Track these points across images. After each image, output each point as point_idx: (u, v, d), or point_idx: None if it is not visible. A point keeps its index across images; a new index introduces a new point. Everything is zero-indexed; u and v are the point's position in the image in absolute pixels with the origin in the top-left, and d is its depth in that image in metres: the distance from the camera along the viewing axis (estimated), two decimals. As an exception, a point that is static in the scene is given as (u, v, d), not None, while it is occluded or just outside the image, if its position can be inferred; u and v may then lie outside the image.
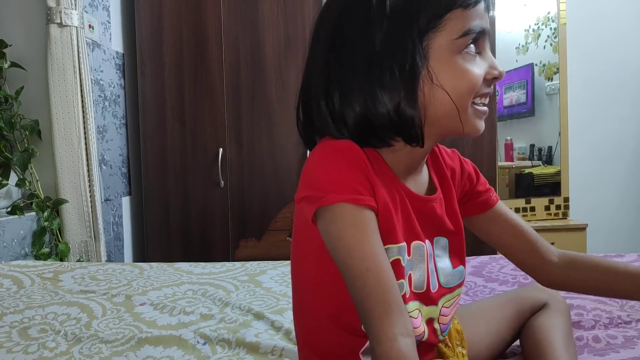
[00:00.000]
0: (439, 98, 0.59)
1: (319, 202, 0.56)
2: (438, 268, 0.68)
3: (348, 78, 0.59)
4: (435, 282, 0.67)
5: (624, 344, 0.92)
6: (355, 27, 0.59)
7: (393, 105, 0.58)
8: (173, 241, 2.36)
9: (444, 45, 0.58)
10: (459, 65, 0.58)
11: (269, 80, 2.32)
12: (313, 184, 0.58)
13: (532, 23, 2.83)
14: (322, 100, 0.62)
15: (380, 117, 0.58)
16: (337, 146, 0.59)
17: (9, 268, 1.44)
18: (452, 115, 0.60)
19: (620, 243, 2.91)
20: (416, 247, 0.64)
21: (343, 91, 0.60)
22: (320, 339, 0.67)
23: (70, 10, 1.83)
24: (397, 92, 0.58)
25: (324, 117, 0.62)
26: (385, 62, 0.58)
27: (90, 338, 0.99)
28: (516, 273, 1.39)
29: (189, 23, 2.31)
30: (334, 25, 0.61)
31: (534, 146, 2.88)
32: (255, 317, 1.09)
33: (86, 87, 1.89)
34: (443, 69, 0.58)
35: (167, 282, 1.35)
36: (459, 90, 0.59)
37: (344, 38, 0.60)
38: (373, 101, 0.58)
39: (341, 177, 0.56)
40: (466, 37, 0.58)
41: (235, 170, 2.35)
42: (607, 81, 2.88)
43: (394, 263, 0.59)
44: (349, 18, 0.60)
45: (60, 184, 1.85)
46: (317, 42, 0.64)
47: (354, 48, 0.59)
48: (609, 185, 2.93)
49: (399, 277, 0.59)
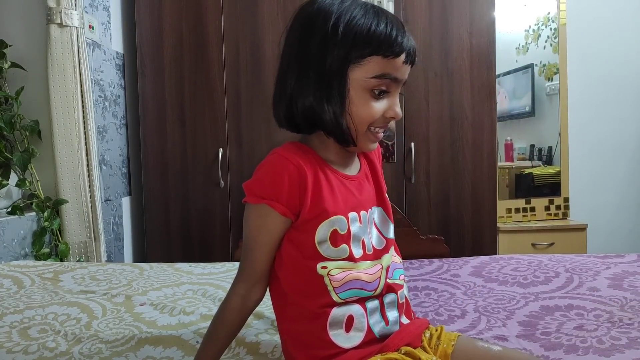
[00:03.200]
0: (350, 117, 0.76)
1: (246, 198, 0.77)
2: (380, 228, 0.84)
3: (304, 87, 0.74)
4: (380, 239, 0.83)
5: (628, 344, 0.92)
6: (313, 45, 0.73)
7: (332, 116, 0.74)
8: (173, 241, 2.36)
9: (359, 80, 0.73)
10: (364, 99, 0.74)
11: (269, 81, 2.32)
12: (248, 184, 0.76)
13: (532, 23, 2.83)
14: (285, 101, 0.77)
15: (324, 123, 0.75)
16: (276, 153, 0.76)
17: (9, 268, 1.44)
18: (355, 132, 0.76)
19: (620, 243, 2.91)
20: (364, 216, 0.80)
21: (300, 98, 0.75)
22: (292, 325, 0.79)
23: (71, 10, 1.83)
24: (336, 106, 0.73)
25: (284, 114, 0.78)
26: (330, 81, 0.73)
27: (90, 338, 0.99)
28: (516, 274, 1.39)
29: (189, 23, 2.32)
30: (298, 38, 0.76)
31: (534, 146, 2.88)
32: (255, 316, 1.09)
33: (86, 87, 1.89)
34: (355, 97, 0.74)
35: (167, 282, 1.35)
36: (358, 117, 0.74)
37: (304, 50, 0.74)
38: (320, 110, 0.74)
39: (264, 185, 0.74)
40: (377, 79, 0.73)
41: (235, 170, 2.35)
42: (607, 81, 2.89)
43: (333, 233, 0.75)
44: (310, 34, 0.74)
45: (60, 184, 1.85)
46: (286, 48, 0.78)
47: (310, 62, 0.74)
48: (609, 186, 2.93)
49: (340, 243, 0.75)
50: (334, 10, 0.73)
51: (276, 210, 0.74)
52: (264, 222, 0.75)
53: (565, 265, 1.44)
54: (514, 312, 1.12)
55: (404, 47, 0.73)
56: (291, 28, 0.78)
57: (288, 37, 0.78)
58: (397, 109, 0.76)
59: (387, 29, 0.72)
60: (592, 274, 1.35)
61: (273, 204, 0.74)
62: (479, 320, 1.08)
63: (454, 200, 2.36)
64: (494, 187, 2.36)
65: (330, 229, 0.75)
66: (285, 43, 0.79)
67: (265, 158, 0.76)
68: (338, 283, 0.74)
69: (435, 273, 1.45)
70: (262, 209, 0.74)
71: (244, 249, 0.78)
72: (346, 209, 0.77)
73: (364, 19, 0.72)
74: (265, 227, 0.76)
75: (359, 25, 0.72)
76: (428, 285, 1.34)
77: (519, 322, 1.06)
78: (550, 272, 1.38)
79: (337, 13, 0.73)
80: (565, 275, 1.35)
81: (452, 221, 2.36)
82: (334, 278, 0.74)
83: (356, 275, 0.75)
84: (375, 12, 0.74)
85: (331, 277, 0.74)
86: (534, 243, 2.54)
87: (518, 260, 1.52)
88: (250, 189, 0.76)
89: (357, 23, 0.72)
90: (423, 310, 1.16)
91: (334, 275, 0.74)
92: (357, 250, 0.77)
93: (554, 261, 1.48)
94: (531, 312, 1.12)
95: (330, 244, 0.75)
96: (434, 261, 1.56)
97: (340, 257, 0.75)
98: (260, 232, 0.76)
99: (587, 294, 1.21)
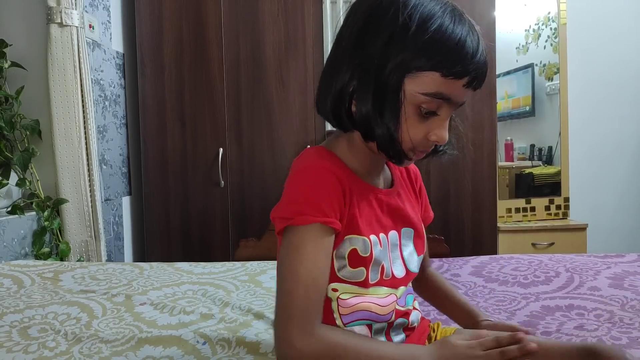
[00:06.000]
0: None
1: (288, 222, 0.64)
2: (404, 256, 0.76)
3: (361, 91, 0.65)
4: (402, 269, 0.75)
5: (628, 344, 0.92)
6: (378, 43, 0.62)
7: (386, 131, 0.64)
8: (173, 241, 2.36)
9: (407, 93, 0.63)
10: (408, 115, 0.64)
11: (269, 80, 2.32)
12: (285, 204, 0.66)
13: (533, 23, 2.83)
14: (333, 95, 0.67)
15: (377, 137, 0.65)
16: (312, 166, 0.67)
17: (9, 268, 1.44)
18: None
19: (620, 243, 2.91)
20: (390, 237, 0.72)
21: (355, 101, 0.66)
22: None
23: (71, 10, 1.83)
24: (391, 121, 0.64)
25: (331, 109, 0.68)
26: (389, 90, 0.63)
27: (90, 338, 0.99)
28: (516, 273, 1.39)
29: (189, 23, 2.32)
30: (360, 30, 0.65)
31: (534, 146, 2.87)
32: (256, 316, 1.09)
33: (86, 87, 1.89)
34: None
35: (167, 282, 1.35)
36: (402, 134, 0.65)
37: (366, 47, 0.63)
38: (375, 123, 0.64)
39: (313, 201, 0.64)
40: (428, 97, 0.63)
41: (235, 170, 2.35)
42: (607, 81, 2.88)
43: (352, 252, 0.67)
44: (375, 29, 0.63)
45: (60, 183, 1.85)
46: (344, 37, 0.67)
47: (370, 63, 0.63)
48: (609, 186, 2.93)
49: (358, 265, 0.68)
50: (409, 4, 0.62)
51: (333, 227, 0.64)
52: (321, 244, 0.64)
53: (566, 265, 1.44)
54: (515, 313, 1.12)
55: (469, 70, 0.63)
56: (354, 14, 0.67)
57: (348, 23, 0.67)
58: (441, 132, 0.66)
59: (459, 43, 0.61)
60: (592, 274, 1.35)
61: (329, 221, 0.64)
62: (480, 320, 1.08)
63: (454, 200, 2.35)
64: (494, 187, 2.36)
65: (350, 247, 0.67)
66: (343, 30, 0.67)
67: (297, 173, 0.67)
68: (347, 310, 0.68)
69: (435, 273, 1.45)
70: (315, 229, 0.63)
71: (295, 286, 0.62)
72: (369, 229, 0.69)
73: (437, 22, 0.61)
74: (323, 249, 0.64)
75: (430, 29, 0.60)
76: (428, 285, 1.34)
77: (520, 322, 1.06)
78: (551, 272, 1.38)
79: (411, 8, 0.61)
80: (565, 275, 1.35)
81: (452, 221, 2.36)
82: (344, 303, 0.68)
83: (367, 306, 0.69)
84: (452, 17, 0.62)
85: (340, 301, 0.68)
86: (534, 243, 2.54)
87: (518, 260, 1.51)
88: (296, 210, 0.64)
89: (429, 26, 0.60)
90: (424, 310, 1.15)
91: (344, 299, 0.68)
92: (374, 275, 0.69)
93: (554, 261, 1.48)
94: (532, 312, 1.12)
95: (349, 264, 0.68)
96: (434, 261, 1.56)
97: (355, 279, 0.68)
98: (318, 256, 0.63)
99: (588, 294, 1.21)
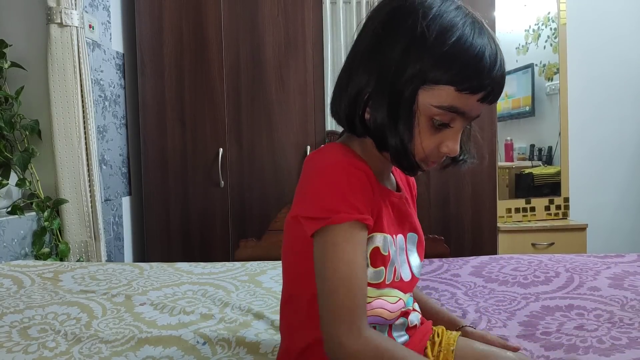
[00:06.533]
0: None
1: (324, 222, 0.61)
2: (410, 260, 0.76)
3: (376, 98, 0.64)
4: (408, 273, 0.74)
5: (628, 344, 0.92)
6: (396, 49, 0.62)
7: (399, 142, 0.63)
8: (173, 241, 2.36)
9: (422, 103, 0.62)
10: (420, 126, 0.63)
11: (269, 81, 2.32)
12: (317, 203, 0.62)
13: (532, 23, 2.83)
14: (348, 99, 0.66)
15: (390, 147, 0.64)
16: (339, 162, 0.63)
17: (9, 268, 1.44)
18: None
19: (620, 243, 2.91)
20: (397, 240, 0.72)
21: (369, 108, 0.65)
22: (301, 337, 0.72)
23: (71, 10, 1.83)
24: (405, 132, 0.63)
25: (345, 114, 0.68)
26: (404, 100, 0.62)
27: (90, 338, 0.99)
28: (516, 273, 1.39)
29: (189, 23, 2.32)
30: (379, 35, 0.64)
31: (534, 146, 2.87)
32: (255, 317, 1.09)
33: (86, 87, 1.89)
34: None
35: (167, 282, 1.35)
36: (414, 145, 0.64)
37: (384, 53, 0.63)
38: (389, 133, 0.63)
39: (348, 198, 0.61)
40: (441, 110, 0.62)
41: (235, 170, 2.35)
42: (608, 81, 2.88)
43: (374, 251, 0.66)
44: (394, 35, 0.62)
45: (60, 183, 1.85)
46: (363, 40, 0.66)
47: (387, 70, 0.62)
48: (609, 186, 2.93)
49: (379, 265, 0.67)
50: (430, 13, 0.60)
51: (367, 224, 0.63)
52: (358, 241, 0.61)
53: (566, 265, 1.43)
54: (515, 313, 1.12)
55: (485, 85, 0.61)
56: (375, 17, 0.66)
57: (368, 26, 0.66)
58: (453, 145, 0.65)
59: (477, 57, 0.60)
60: (592, 274, 1.35)
61: (364, 217, 0.62)
62: (480, 321, 1.08)
63: (454, 200, 2.35)
64: (494, 187, 2.36)
65: (372, 246, 0.65)
66: (363, 33, 0.67)
67: (323, 170, 0.63)
68: None
69: (435, 273, 1.45)
70: (352, 227, 0.61)
71: (338, 285, 0.60)
72: (389, 228, 0.69)
73: (456, 34, 0.59)
74: (360, 247, 0.61)
75: (448, 42, 0.59)
76: (428, 285, 1.34)
77: (520, 323, 1.06)
78: (551, 272, 1.38)
79: (431, 18, 0.60)
80: (565, 275, 1.35)
81: (452, 221, 2.36)
82: None
83: (379, 312, 0.68)
84: (472, 29, 0.60)
85: None
86: (534, 243, 2.54)
87: (518, 260, 1.51)
88: (330, 208, 0.61)
89: (447, 38, 0.59)
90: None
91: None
92: (389, 275, 0.68)
93: (554, 261, 1.48)
94: (532, 312, 1.12)
95: (370, 263, 0.66)
96: (434, 261, 1.56)
97: (374, 281, 0.66)
98: (357, 253, 0.61)
99: (588, 294, 1.21)
